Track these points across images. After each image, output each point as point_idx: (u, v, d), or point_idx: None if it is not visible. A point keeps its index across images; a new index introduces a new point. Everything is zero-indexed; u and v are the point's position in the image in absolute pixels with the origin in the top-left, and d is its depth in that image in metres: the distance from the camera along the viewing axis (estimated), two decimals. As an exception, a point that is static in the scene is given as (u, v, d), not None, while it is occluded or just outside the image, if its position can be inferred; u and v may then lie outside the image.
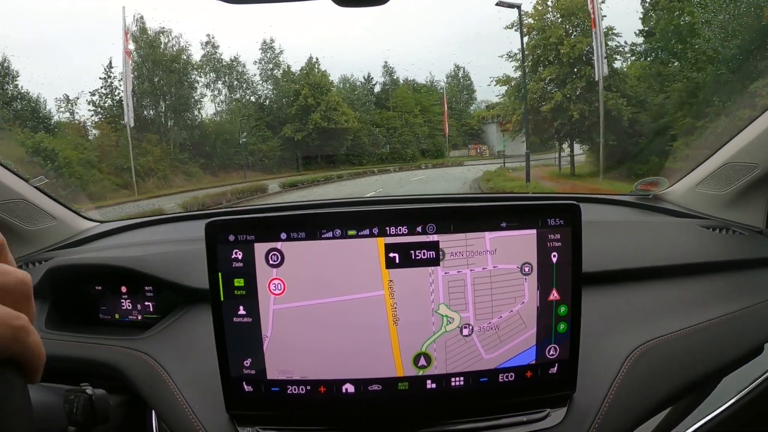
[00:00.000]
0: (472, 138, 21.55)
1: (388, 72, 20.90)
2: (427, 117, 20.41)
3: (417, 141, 19.52)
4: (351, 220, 0.65)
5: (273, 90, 17.76)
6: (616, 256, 0.97)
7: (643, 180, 1.41)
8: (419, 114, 20.17)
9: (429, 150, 19.80)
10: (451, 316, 0.67)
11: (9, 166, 1.16)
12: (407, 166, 17.29)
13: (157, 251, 1.06)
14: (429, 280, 0.66)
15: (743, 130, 1.10)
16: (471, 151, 20.70)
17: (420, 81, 21.55)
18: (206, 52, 16.69)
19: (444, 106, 20.61)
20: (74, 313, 1.01)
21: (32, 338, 0.34)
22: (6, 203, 1.12)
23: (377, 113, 19.65)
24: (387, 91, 20.60)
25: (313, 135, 16.50)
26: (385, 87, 20.87)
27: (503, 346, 0.68)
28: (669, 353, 0.77)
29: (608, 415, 0.68)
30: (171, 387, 0.76)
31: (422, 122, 20.19)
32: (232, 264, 0.65)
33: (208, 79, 16.49)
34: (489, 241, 0.66)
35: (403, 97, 20.15)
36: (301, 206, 1.60)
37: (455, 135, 21.08)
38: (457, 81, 22.91)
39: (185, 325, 0.90)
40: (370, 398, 0.67)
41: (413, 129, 19.55)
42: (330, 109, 16.74)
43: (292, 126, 16.53)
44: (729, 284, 0.94)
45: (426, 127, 20.00)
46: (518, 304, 0.68)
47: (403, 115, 19.50)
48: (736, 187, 1.11)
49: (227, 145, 15.01)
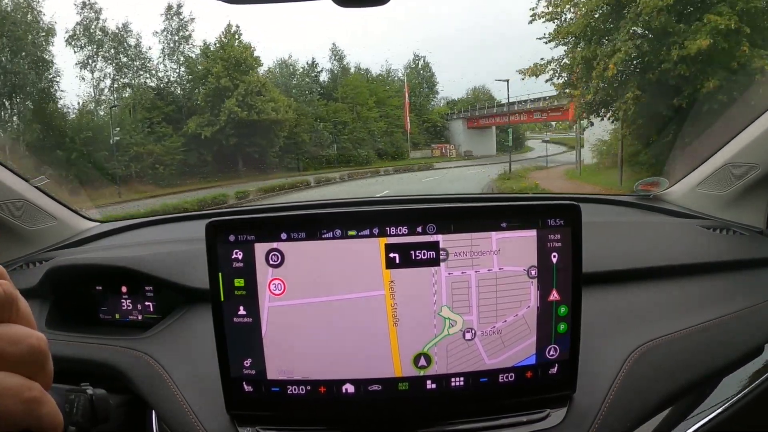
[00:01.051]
0: (435, 136, 18.76)
1: (336, 56, 17.01)
2: (383, 110, 16.89)
3: (372, 139, 16.07)
4: (351, 220, 0.65)
5: (180, 70, 13.10)
6: (616, 256, 0.97)
7: (643, 180, 1.41)
8: (374, 107, 16.62)
9: (387, 150, 16.37)
10: (453, 319, 0.67)
11: (9, 166, 1.16)
12: (360, 171, 13.75)
13: (158, 251, 1.06)
14: (431, 280, 0.66)
15: (743, 130, 1.10)
16: (435, 152, 17.90)
17: (375, 71, 18.32)
18: (84, 18, 11.99)
19: (405, 95, 17.26)
20: (74, 313, 1.01)
21: (46, 409, 0.32)
22: (6, 203, 1.12)
23: (322, 105, 15.76)
24: (336, 79, 16.88)
25: (228, 130, 12.19)
26: (333, 74, 16.97)
27: (506, 351, 0.68)
28: (669, 353, 0.77)
29: (608, 416, 0.68)
30: (171, 387, 0.76)
31: (378, 116, 16.61)
32: (233, 264, 0.65)
33: (85, 54, 11.73)
34: (495, 242, 0.66)
35: (355, 86, 16.41)
36: (302, 206, 1.60)
37: (416, 133, 17.99)
38: (417, 72, 19.79)
39: (185, 325, 0.90)
40: (370, 398, 0.67)
41: (367, 124, 16.07)
42: (251, 94, 12.44)
43: (199, 119, 12.09)
44: (729, 284, 0.94)
45: (383, 122, 16.50)
46: (524, 308, 0.68)
47: (355, 108, 15.91)
48: (736, 187, 1.11)
49: (94, 147, 10.16)
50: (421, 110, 19.30)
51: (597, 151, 11.27)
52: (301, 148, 14.30)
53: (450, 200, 1.54)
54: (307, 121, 14.74)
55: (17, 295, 0.32)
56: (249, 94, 12.45)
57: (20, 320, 0.32)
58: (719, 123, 3.87)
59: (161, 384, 0.77)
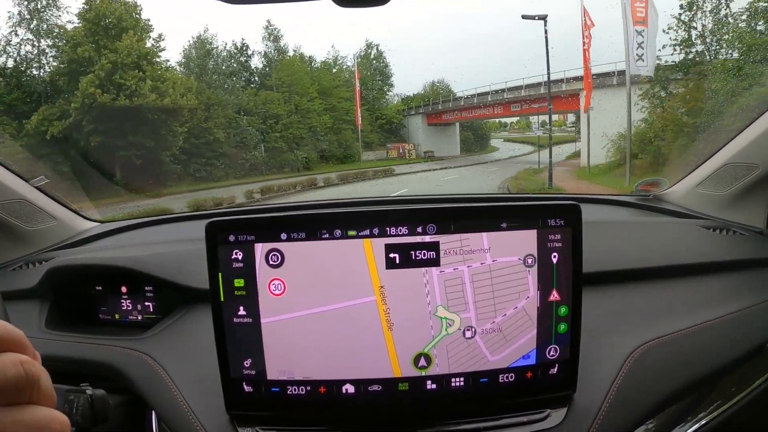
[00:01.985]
0: (391, 135, 15.92)
1: (271, 36, 13.53)
2: (329, 103, 13.52)
3: (314, 138, 12.66)
4: (352, 220, 0.65)
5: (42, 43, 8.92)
6: (617, 256, 0.97)
7: (643, 180, 1.41)
8: (317, 97, 13.19)
9: (333, 152, 13.04)
10: (450, 318, 0.67)
11: (9, 166, 1.15)
12: (290, 184, 9.31)
13: (158, 251, 1.06)
14: (423, 281, 0.65)
15: (743, 130, 1.10)
16: (391, 152, 15.23)
17: (320, 59, 15.01)
18: None
19: (356, 83, 13.74)
20: (74, 313, 1.01)
21: None
22: (6, 203, 1.12)
23: (252, 93, 12.08)
24: (271, 64, 13.29)
25: (86, 123, 7.70)
26: (268, 58, 13.28)
27: (509, 346, 0.68)
28: (669, 353, 0.77)
29: (608, 416, 0.68)
30: (171, 387, 0.76)
31: (322, 109, 13.13)
32: (233, 264, 0.65)
33: None
34: (486, 239, 0.66)
35: (293, 72, 12.84)
36: (302, 206, 1.60)
37: (368, 131, 14.85)
38: (368, 62, 16.66)
39: (185, 325, 0.90)
40: (370, 398, 0.67)
41: (308, 119, 12.64)
42: (122, 68, 8.10)
43: (49, 109, 7.68)
44: (729, 284, 0.94)
45: (327, 117, 13.15)
46: (522, 299, 0.67)
47: (292, 98, 12.44)
48: (736, 187, 1.11)
49: None
50: (375, 105, 16.23)
51: (614, 147, 10.47)
52: (216, 150, 10.65)
53: (450, 200, 1.54)
54: (225, 113, 10.94)
55: (39, 374, 0.31)
56: (121, 68, 8.09)
57: (42, 400, 0.31)
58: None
59: (161, 384, 0.77)
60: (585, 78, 11.44)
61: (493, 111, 16.64)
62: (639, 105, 10.07)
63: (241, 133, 11.31)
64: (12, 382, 0.29)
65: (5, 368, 0.29)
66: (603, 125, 10.74)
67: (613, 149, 10.57)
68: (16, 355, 0.30)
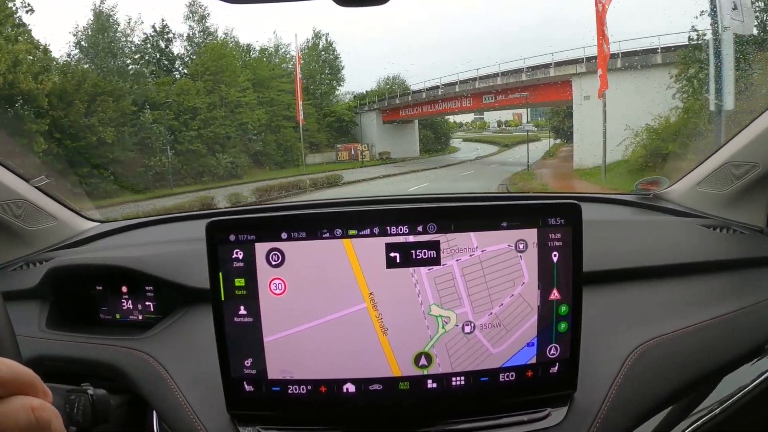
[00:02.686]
0: (341, 135, 13.88)
1: (195, 15, 11.00)
2: (266, 95, 11.07)
3: (245, 137, 10.13)
4: (352, 219, 0.65)
5: None
6: (617, 255, 0.97)
7: (643, 179, 1.41)
8: (250, 88, 10.78)
9: (270, 154, 10.47)
10: (445, 316, 0.66)
11: (9, 166, 1.15)
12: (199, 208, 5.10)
13: (158, 251, 1.06)
14: (412, 281, 0.65)
15: (744, 129, 1.10)
16: (341, 154, 13.21)
17: (258, 47, 12.57)
18: None
19: (297, 69, 11.22)
20: (75, 313, 1.01)
21: None
22: (6, 203, 1.12)
23: (166, 81, 9.63)
24: (195, 47, 10.67)
25: None
26: (191, 39, 10.65)
27: (510, 336, 0.67)
28: (669, 352, 0.77)
29: (609, 415, 0.68)
30: (172, 387, 0.76)
31: (255, 103, 10.69)
32: (233, 264, 0.65)
33: None
34: (475, 238, 0.65)
35: (220, 56, 10.33)
36: (303, 206, 1.60)
37: (315, 130, 12.63)
38: (317, 54, 14.21)
39: (186, 325, 0.90)
40: (371, 398, 0.67)
41: (238, 114, 10.17)
42: None
43: None
44: (729, 283, 0.94)
45: (262, 112, 10.64)
46: (518, 286, 0.66)
47: (218, 88, 9.93)
48: (736, 186, 1.11)
49: None
50: (323, 101, 14.27)
51: (637, 143, 8.11)
52: (104, 155, 7.82)
53: (451, 200, 1.54)
54: (119, 106, 8.27)
55: (50, 419, 0.31)
56: None
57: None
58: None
59: (162, 384, 0.77)
60: (599, 52, 9.12)
61: (460, 104, 14.23)
62: (672, 89, 8.00)
63: (142, 131, 8.40)
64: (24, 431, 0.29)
65: (17, 416, 0.29)
66: (612, 116, 8.76)
67: (635, 145, 8.07)
68: (27, 401, 0.30)
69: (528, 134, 16.11)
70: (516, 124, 25.56)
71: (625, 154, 8.28)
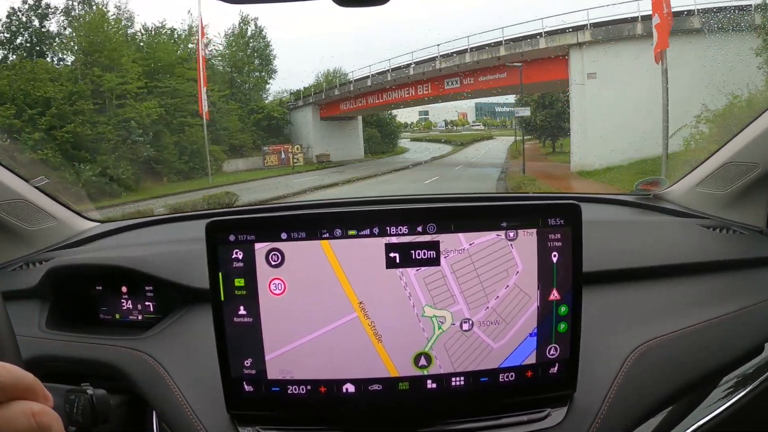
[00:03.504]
0: (271, 135, 11.55)
1: None
2: (165, 86, 8.54)
3: (128, 140, 7.38)
4: (352, 219, 0.65)
5: None
6: (617, 255, 0.97)
7: (643, 179, 1.41)
8: (142, 77, 8.21)
9: (169, 161, 7.79)
10: (440, 315, 0.66)
11: (9, 166, 1.15)
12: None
13: (158, 251, 1.07)
14: (401, 284, 0.65)
15: (743, 129, 1.10)
16: (269, 158, 10.65)
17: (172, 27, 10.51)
18: None
19: (198, 45, 9.00)
20: (75, 313, 1.01)
21: None
22: (6, 203, 1.12)
23: (12, 66, 7.04)
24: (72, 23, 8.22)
25: None
26: (68, 11, 8.07)
27: (510, 328, 0.67)
28: (669, 353, 0.77)
29: (609, 415, 0.68)
30: (171, 387, 0.76)
31: (146, 92, 8.06)
32: (233, 264, 0.65)
33: None
34: (463, 239, 0.65)
35: (94, 31, 7.82)
36: (302, 206, 1.60)
37: (236, 130, 10.41)
38: (244, 42, 12.11)
39: (186, 325, 0.90)
40: (371, 398, 0.67)
41: (119, 107, 7.65)
42: None
43: None
44: (729, 284, 0.94)
45: (155, 103, 8.04)
46: (512, 276, 0.66)
47: (89, 72, 7.51)
48: (736, 186, 1.11)
49: None
50: (250, 97, 12.23)
51: (692, 138, 5.32)
52: None
53: (451, 200, 1.54)
54: None
55: (51, 423, 0.31)
56: None
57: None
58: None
59: (161, 384, 0.77)
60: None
61: (415, 92, 11.56)
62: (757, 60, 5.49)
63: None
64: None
65: (17, 421, 0.29)
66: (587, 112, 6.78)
67: (699, 136, 5.19)
68: (28, 405, 0.30)
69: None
70: (462, 123, 24.76)
71: (687, 144, 5.47)
